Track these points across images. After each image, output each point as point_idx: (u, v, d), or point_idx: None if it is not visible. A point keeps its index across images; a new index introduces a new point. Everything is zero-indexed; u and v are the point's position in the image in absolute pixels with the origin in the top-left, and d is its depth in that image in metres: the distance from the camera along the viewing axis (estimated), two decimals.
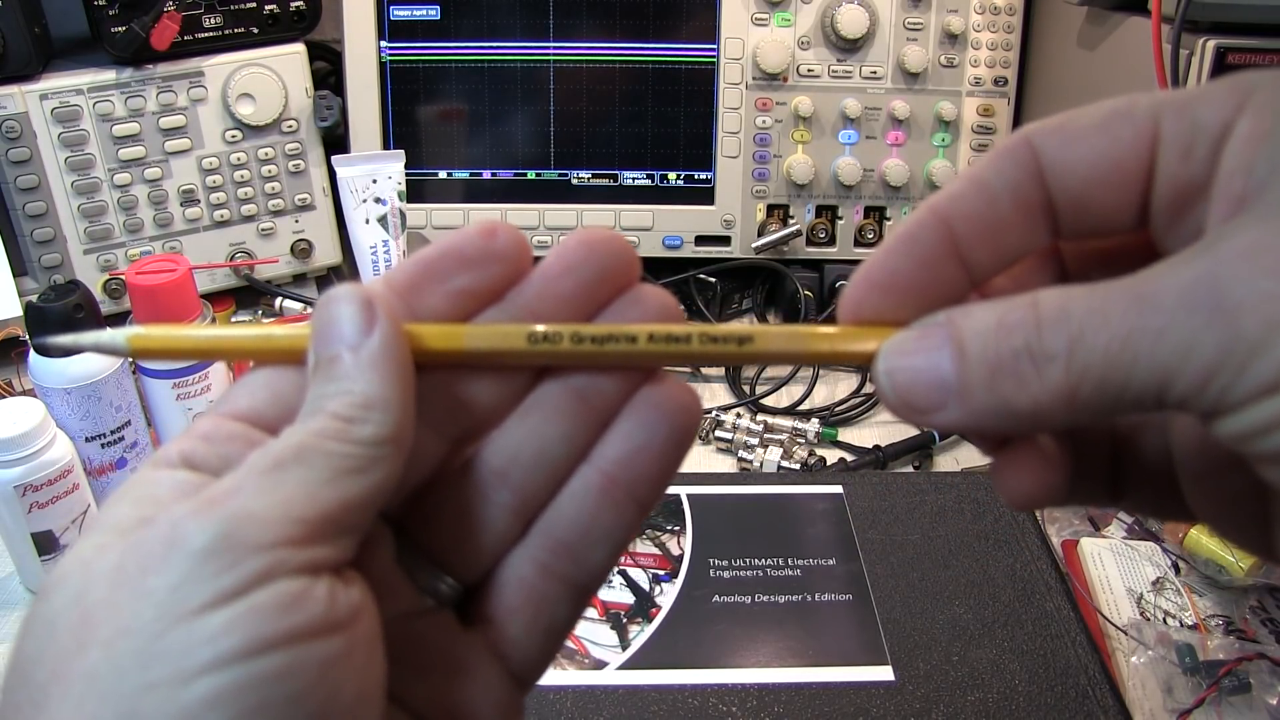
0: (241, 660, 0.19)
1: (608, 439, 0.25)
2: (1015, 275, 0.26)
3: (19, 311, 0.80)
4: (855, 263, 0.94)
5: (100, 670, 0.19)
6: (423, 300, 0.24)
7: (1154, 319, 0.19)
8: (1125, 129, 0.22)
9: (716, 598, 0.60)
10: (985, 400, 0.21)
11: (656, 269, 0.94)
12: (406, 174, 0.87)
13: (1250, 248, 0.19)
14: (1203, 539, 0.64)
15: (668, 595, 0.60)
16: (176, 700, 0.18)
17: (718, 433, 0.79)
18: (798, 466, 0.75)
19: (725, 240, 0.94)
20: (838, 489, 0.68)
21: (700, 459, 0.79)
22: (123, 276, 0.83)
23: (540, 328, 0.24)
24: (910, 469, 0.77)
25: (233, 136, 0.88)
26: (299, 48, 0.90)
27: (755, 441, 0.77)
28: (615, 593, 0.60)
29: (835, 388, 0.86)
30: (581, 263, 0.25)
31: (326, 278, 1.00)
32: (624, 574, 0.61)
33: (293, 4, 0.88)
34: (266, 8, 0.87)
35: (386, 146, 0.92)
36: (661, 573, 0.61)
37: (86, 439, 0.64)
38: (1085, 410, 0.20)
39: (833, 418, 0.82)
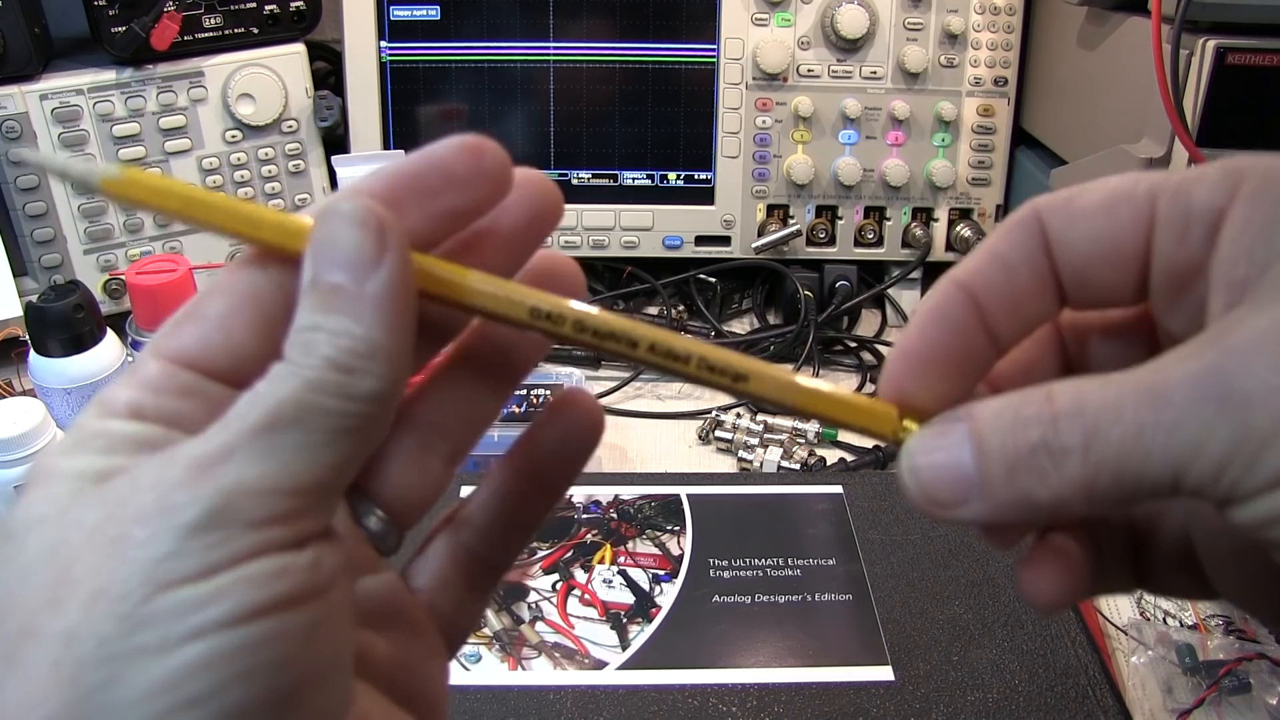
0: (229, 627, 0.19)
1: (525, 443, 0.27)
2: (1019, 357, 0.26)
3: (19, 311, 0.80)
4: (855, 263, 0.94)
5: (80, 632, 0.18)
6: (402, 217, 0.22)
7: (1166, 413, 0.20)
8: (1124, 210, 0.23)
9: (716, 598, 0.60)
10: (1006, 494, 0.22)
11: (656, 269, 0.94)
12: None
13: (1256, 340, 0.20)
14: None
15: (668, 595, 0.60)
16: (162, 666, 0.18)
17: (718, 433, 0.79)
18: (798, 466, 0.75)
19: (725, 240, 0.94)
20: (838, 489, 0.68)
21: (700, 459, 0.79)
22: (123, 276, 0.83)
23: (545, 305, 0.23)
24: None
25: (233, 136, 0.88)
26: (299, 48, 0.90)
27: (755, 441, 0.77)
28: (615, 593, 0.60)
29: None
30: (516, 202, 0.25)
31: None
32: (624, 574, 0.61)
33: (293, 4, 0.88)
34: (266, 8, 0.87)
35: (386, 146, 0.92)
36: (661, 573, 0.61)
37: None
38: (1103, 501, 0.21)
39: None
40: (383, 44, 0.91)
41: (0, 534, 0.20)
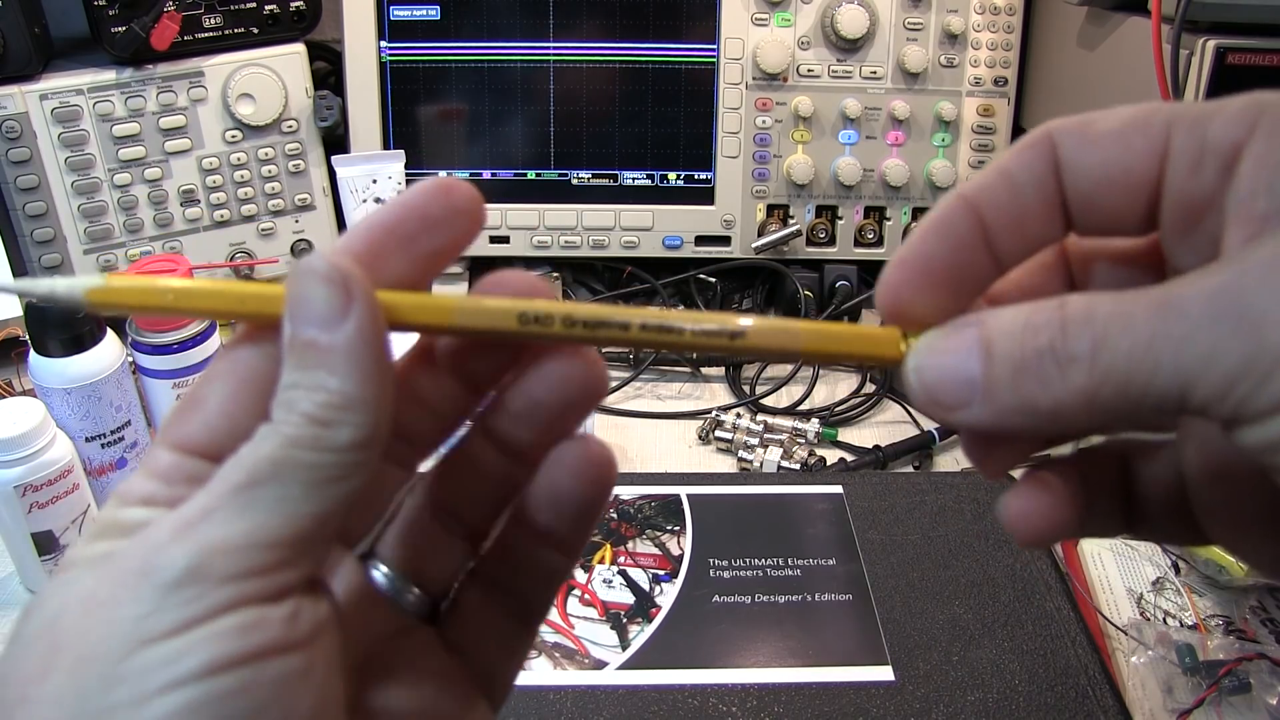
0: (200, 680, 0.19)
1: (532, 497, 0.26)
2: (1023, 279, 0.26)
3: (19, 311, 0.80)
4: (855, 263, 0.94)
5: (64, 694, 0.19)
6: (386, 268, 0.23)
7: (1178, 325, 0.20)
8: (1138, 139, 0.23)
9: (716, 598, 0.60)
10: (1009, 399, 0.21)
11: (656, 269, 0.94)
12: (406, 174, 0.87)
13: (1276, 261, 0.19)
14: None
15: (668, 595, 0.60)
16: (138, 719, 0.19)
17: (718, 433, 0.79)
18: (798, 466, 0.75)
19: (725, 240, 0.94)
20: (838, 489, 0.68)
21: (700, 459, 0.79)
22: None
23: (532, 309, 0.23)
24: (910, 469, 0.77)
25: (233, 136, 0.88)
26: (299, 48, 0.90)
27: (755, 441, 0.77)
28: (615, 593, 0.60)
29: (835, 388, 0.86)
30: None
31: None
32: (624, 574, 0.61)
33: (293, 4, 0.88)
34: (266, 8, 0.87)
35: (386, 146, 0.92)
36: (661, 573, 0.61)
37: (86, 439, 0.64)
38: (1105, 412, 0.21)
39: (833, 418, 0.82)
40: (383, 44, 0.91)
41: (17, 617, 0.21)
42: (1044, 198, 0.24)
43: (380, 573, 0.26)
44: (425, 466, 0.28)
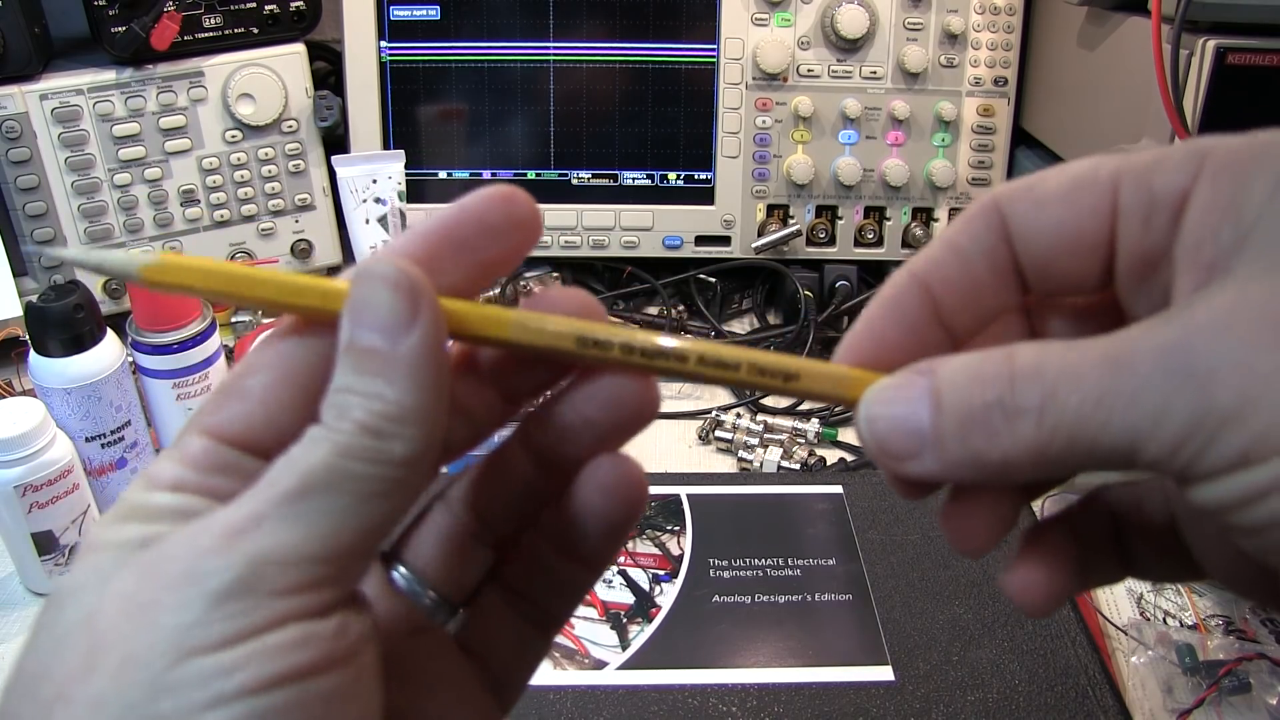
0: (250, 695, 0.19)
1: (562, 512, 0.25)
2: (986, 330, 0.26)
3: (19, 311, 0.80)
4: (855, 263, 0.94)
5: (107, 698, 0.19)
6: (442, 273, 0.23)
7: (1127, 382, 0.19)
8: (1086, 198, 0.23)
9: (716, 598, 0.60)
10: (957, 451, 0.21)
11: (656, 269, 0.94)
12: (406, 174, 0.87)
13: (1223, 316, 0.19)
14: None
15: (668, 595, 0.60)
16: None
17: (718, 433, 0.79)
18: (798, 466, 0.75)
19: (725, 240, 0.94)
20: (838, 489, 0.68)
21: (700, 459, 0.79)
22: None
23: (591, 333, 0.23)
24: None
25: (233, 136, 0.88)
26: (299, 48, 0.90)
27: (755, 441, 0.77)
28: (615, 593, 0.60)
29: None
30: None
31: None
32: (624, 574, 0.61)
33: (293, 4, 0.88)
34: (266, 8, 0.87)
35: (386, 146, 0.92)
36: (661, 573, 0.61)
37: (86, 439, 0.64)
38: (1054, 465, 0.21)
39: (833, 418, 0.82)
40: (383, 44, 0.91)
41: (45, 602, 0.21)
42: (995, 267, 0.24)
43: (400, 574, 0.26)
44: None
